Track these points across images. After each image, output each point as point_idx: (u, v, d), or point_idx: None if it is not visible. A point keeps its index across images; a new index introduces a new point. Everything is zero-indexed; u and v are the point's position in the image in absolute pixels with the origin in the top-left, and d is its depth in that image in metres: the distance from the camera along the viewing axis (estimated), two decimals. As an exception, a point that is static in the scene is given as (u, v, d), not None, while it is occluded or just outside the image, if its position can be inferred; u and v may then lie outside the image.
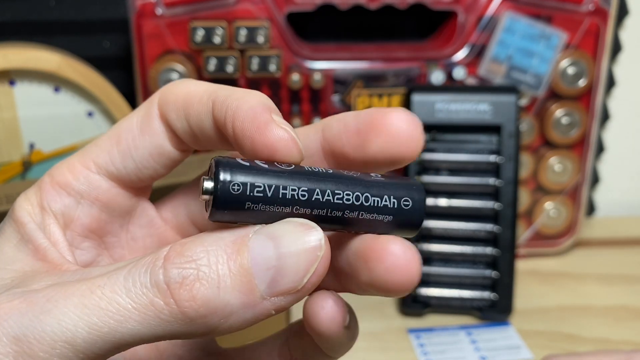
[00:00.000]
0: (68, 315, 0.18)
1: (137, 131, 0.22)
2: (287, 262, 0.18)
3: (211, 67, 0.50)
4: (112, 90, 0.50)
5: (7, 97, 0.48)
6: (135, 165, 0.23)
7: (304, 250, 0.18)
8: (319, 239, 0.19)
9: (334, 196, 0.19)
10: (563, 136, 0.53)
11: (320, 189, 0.19)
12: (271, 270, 0.18)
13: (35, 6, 0.55)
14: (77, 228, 0.23)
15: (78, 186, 0.23)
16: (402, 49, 0.52)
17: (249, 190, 0.18)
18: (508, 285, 0.48)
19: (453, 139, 0.49)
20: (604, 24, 0.50)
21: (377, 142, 0.21)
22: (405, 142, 0.21)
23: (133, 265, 0.18)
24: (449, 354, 0.45)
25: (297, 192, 0.19)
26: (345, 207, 0.19)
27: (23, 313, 0.18)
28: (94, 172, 0.23)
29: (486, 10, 0.50)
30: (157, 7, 0.48)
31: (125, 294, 0.18)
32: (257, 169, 0.18)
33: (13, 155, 0.49)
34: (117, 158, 0.22)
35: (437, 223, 0.49)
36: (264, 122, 0.19)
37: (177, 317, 0.18)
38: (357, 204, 0.19)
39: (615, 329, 0.48)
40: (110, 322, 0.18)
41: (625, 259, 0.58)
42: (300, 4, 0.50)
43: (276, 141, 0.19)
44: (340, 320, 0.20)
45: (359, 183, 0.19)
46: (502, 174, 0.48)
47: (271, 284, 0.18)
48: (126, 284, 0.18)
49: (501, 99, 0.48)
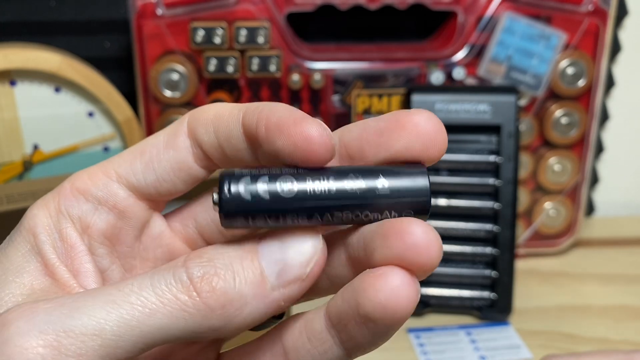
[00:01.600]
0: (97, 310, 0.19)
1: (162, 145, 0.23)
2: (291, 255, 0.20)
3: (211, 68, 0.50)
4: (112, 90, 0.50)
5: (8, 97, 0.48)
6: (155, 178, 0.23)
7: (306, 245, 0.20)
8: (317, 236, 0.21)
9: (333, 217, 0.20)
10: (562, 136, 0.53)
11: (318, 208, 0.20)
12: (279, 264, 0.20)
13: (36, 6, 0.55)
14: (94, 233, 0.23)
15: (97, 192, 0.23)
16: (402, 50, 0.52)
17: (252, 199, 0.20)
18: (507, 285, 0.48)
19: (453, 139, 0.49)
20: (604, 25, 0.50)
21: (402, 140, 0.21)
22: (431, 141, 0.21)
23: (156, 270, 0.20)
24: (448, 354, 0.45)
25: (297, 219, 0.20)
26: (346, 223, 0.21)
27: (51, 311, 0.19)
28: (113, 180, 0.23)
29: (486, 11, 0.51)
30: (158, 7, 0.48)
31: (152, 290, 0.19)
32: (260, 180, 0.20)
33: (13, 155, 0.49)
34: (138, 169, 0.23)
35: (437, 223, 0.49)
36: (300, 116, 0.21)
37: (199, 309, 0.19)
38: (356, 220, 0.20)
39: (614, 329, 0.48)
40: (138, 315, 0.19)
41: (624, 258, 0.58)
42: (300, 4, 0.50)
43: (313, 133, 0.20)
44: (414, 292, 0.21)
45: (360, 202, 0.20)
46: (502, 174, 0.48)
47: (279, 276, 0.20)
48: (152, 282, 0.20)
49: (501, 99, 0.48)
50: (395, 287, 0.20)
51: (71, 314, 0.19)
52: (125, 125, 0.50)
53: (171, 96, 0.50)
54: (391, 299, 0.20)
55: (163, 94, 0.50)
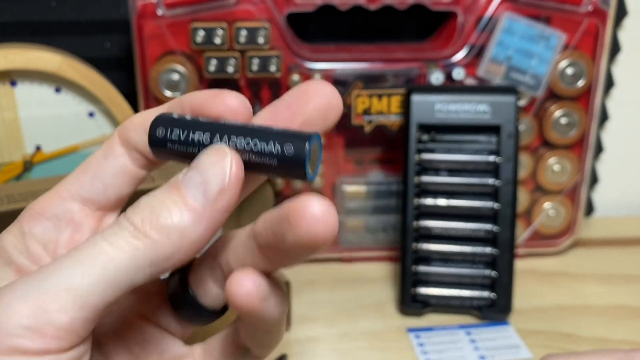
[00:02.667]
0: (66, 270, 0.22)
1: (102, 158, 0.26)
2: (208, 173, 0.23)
3: (212, 68, 0.50)
4: (113, 90, 0.50)
5: (8, 97, 0.48)
6: (102, 187, 0.26)
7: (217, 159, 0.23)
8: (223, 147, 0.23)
9: (229, 140, 0.23)
10: (562, 136, 0.53)
11: (219, 135, 0.24)
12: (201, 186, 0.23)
13: (37, 7, 0.55)
14: (56, 247, 0.26)
15: (54, 210, 0.26)
16: (402, 50, 0.52)
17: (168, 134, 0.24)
18: (507, 285, 0.48)
19: (452, 139, 0.50)
20: (603, 25, 0.51)
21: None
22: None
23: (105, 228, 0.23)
24: (448, 354, 0.45)
25: (202, 137, 0.24)
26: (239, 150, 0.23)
27: (30, 281, 0.22)
28: (66, 197, 0.26)
29: (485, 11, 0.51)
30: (158, 7, 0.48)
31: (106, 242, 0.22)
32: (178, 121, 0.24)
33: (14, 156, 0.49)
34: (86, 182, 0.26)
35: (437, 223, 0.49)
36: (219, 90, 0.24)
37: (148, 245, 0.22)
38: (247, 148, 0.23)
39: (614, 329, 0.48)
40: (100, 264, 0.22)
41: (623, 258, 0.58)
42: (300, 4, 0.50)
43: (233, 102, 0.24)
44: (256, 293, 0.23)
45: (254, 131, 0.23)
46: (501, 174, 0.48)
47: (205, 194, 0.23)
48: (104, 237, 0.23)
49: (500, 100, 0.48)
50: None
51: (45, 278, 0.22)
52: (126, 126, 0.50)
53: (171, 96, 0.50)
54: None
55: (163, 94, 0.50)
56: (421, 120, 0.49)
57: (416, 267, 0.49)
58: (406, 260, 0.49)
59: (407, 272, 0.49)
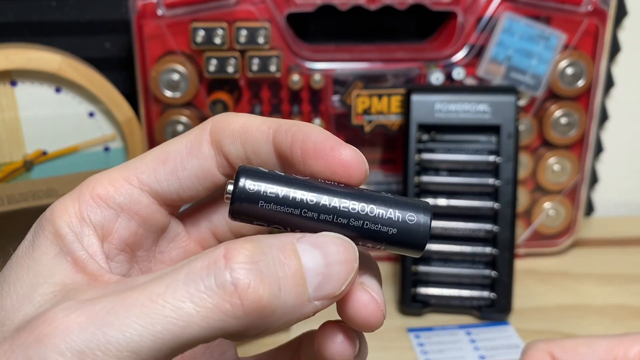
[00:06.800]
0: (132, 326, 0.18)
1: (185, 153, 0.23)
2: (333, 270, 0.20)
3: (212, 68, 0.50)
4: (113, 90, 0.50)
5: (9, 97, 0.48)
6: (179, 185, 0.23)
7: (345, 260, 0.21)
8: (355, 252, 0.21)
9: (340, 204, 0.21)
10: (562, 136, 0.53)
11: (327, 197, 0.21)
12: (320, 276, 0.20)
13: (37, 7, 0.55)
14: (115, 241, 0.23)
15: (119, 199, 0.23)
16: (402, 50, 0.52)
17: (263, 190, 0.21)
18: (507, 285, 0.48)
19: (452, 139, 0.50)
20: (603, 25, 0.51)
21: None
22: None
23: (189, 270, 0.19)
24: (448, 353, 0.45)
25: (306, 198, 0.21)
26: (350, 215, 0.21)
27: (85, 327, 0.18)
28: (136, 187, 0.23)
29: (485, 11, 0.51)
30: (158, 8, 0.49)
31: (189, 299, 0.18)
32: (273, 175, 0.21)
33: (14, 156, 0.49)
34: (162, 176, 0.23)
35: (437, 223, 0.49)
36: (337, 143, 0.22)
37: (239, 317, 0.19)
38: (362, 213, 0.21)
39: (613, 328, 0.48)
40: (174, 329, 0.18)
41: (623, 258, 0.58)
42: (300, 4, 0.50)
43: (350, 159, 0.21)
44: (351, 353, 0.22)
45: (366, 196, 0.21)
46: (501, 174, 0.48)
47: (317, 288, 0.20)
48: (188, 289, 0.19)
49: (500, 100, 0.48)
50: None
51: (105, 330, 0.18)
52: (126, 126, 0.50)
53: (172, 96, 0.50)
54: None
55: (163, 94, 0.50)
56: (421, 120, 0.49)
57: (416, 267, 0.49)
58: (406, 260, 0.49)
59: (407, 272, 0.49)
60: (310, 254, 0.20)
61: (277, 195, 0.21)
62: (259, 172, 0.21)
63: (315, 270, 0.20)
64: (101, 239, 0.23)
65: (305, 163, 0.22)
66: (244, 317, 0.19)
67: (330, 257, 0.20)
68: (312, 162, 0.22)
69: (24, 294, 0.21)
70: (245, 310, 0.19)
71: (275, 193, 0.21)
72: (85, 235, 0.22)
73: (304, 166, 0.22)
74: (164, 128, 0.52)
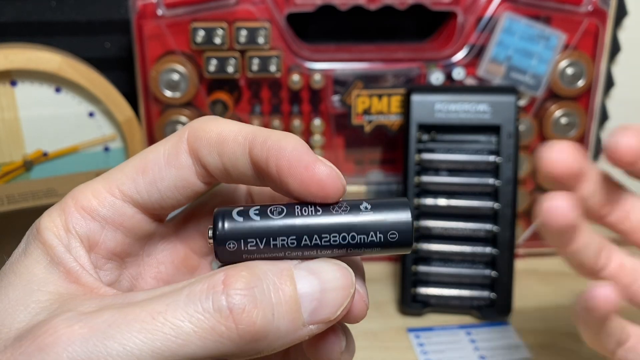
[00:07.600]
0: (132, 341, 0.19)
1: (164, 163, 0.23)
2: (328, 295, 0.21)
3: (212, 68, 0.50)
4: (113, 90, 0.50)
5: (9, 97, 0.48)
6: (159, 195, 0.24)
7: (342, 286, 0.21)
8: (352, 278, 0.21)
9: (321, 240, 0.21)
10: (562, 136, 0.53)
11: (307, 235, 0.21)
12: (315, 302, 0.21)
13: (37, 7, 0.55)
14: (102, 251, 0.24)
15: (103, 212, 0.23)
16: (402, 50, 0.52)
17: (243, 245, 0.21)
18: (507, 285, 0.48)
19: (452, 139, 0.50)
20: (603, 25, 0.51)
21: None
22: None
23: (190, 292, 0.20)
24: (448, 354, 0.45)
25: (286, 241, 0.21)
26: (333, 247, 0.21)
27: (87, 338, 0.19)
28: (119, 198, 0.23)
29: (485, 11, 0.51)
30: (158, 8, 0.49)
31: (188, 319, 0.19)
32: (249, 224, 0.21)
33: (14, 156, 0.49)
34: (142, 187, 0.23)
35: (437, 223, 0.49)
36: (312, 160, 0.22)
37: (234, 340, 0.20)
38: (344, 243, 0.21)
39: (613, 329, 0.48)
40: (173, 346, 0.19)
41: (623, 258, 0.58)
42: (300, 4, 0.50)
43: (325, 177, 0.21)
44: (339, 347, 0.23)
45: (345, 224, 0.21)
46: (501, 174, 0.48)
47: (313, 313, 0.21)
48: (187, 310, 0.20)
49: (500, 100, 0.48)
50: None
51: (106, 343, 0.19)
52: (126, 126, 0.50)
53: (171, 96, 0.50)
54: None
55: (163, 94, 0.50)
56: (421, 120, 0.49)
57: (416, 267, 0.49)
58: (406, 260, 0.49)
59: (407, 272, 0.49)
60: (306, 280, 0.21)
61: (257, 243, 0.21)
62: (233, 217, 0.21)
63: (311, 295, 0.21)
64: (88, 250, 0.23)
65: (280, 180, 0.22)
66: (238, 340, 0.20)
67: (327, 284, 0.21)
68: (287, 179, 0.22)
69: (16, 299, 0.21)
70: (239, 334, 0.19)
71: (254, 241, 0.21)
72: (73, 247, 0.23)
73: (280, 184, 0.22)
74: (164, 128, 0.52)
